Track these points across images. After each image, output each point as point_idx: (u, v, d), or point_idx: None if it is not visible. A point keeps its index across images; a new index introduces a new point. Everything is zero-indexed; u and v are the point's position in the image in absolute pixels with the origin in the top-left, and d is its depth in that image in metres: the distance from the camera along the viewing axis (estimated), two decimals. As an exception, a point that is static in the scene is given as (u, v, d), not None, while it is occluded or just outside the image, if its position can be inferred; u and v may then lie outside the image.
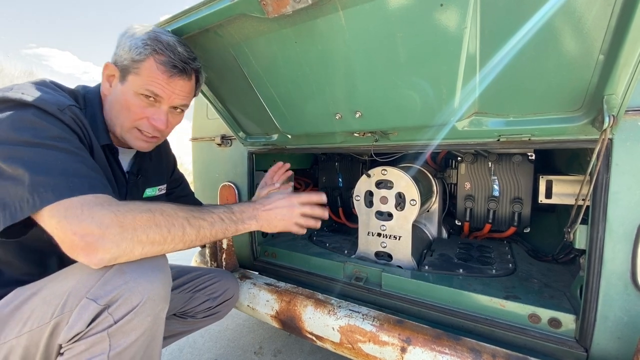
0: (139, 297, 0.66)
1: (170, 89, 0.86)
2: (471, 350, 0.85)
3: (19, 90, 0.71)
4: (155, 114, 0.88)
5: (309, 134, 1.19)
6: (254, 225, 0.90)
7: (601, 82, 0.69)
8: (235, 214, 0.87)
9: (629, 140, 0.76)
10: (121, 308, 0.65)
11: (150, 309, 0.68)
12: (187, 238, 0.75)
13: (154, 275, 0.69)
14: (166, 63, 0.83)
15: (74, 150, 0.71)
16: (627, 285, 0.78)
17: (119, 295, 0.65)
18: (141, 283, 0.67)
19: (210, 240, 0.82)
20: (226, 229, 0.83)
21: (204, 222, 0.79)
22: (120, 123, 0.88)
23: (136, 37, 0.84)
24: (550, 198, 1.17)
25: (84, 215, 0.63)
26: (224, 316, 1.23)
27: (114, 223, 0.64)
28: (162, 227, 0.70)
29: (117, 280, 0.66)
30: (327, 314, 1.08)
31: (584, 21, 0.64)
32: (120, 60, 0.85)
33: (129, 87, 0.84)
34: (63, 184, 0.64)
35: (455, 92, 0.83)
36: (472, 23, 0.70)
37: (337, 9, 0.76)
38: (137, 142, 0.91)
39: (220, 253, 1.42)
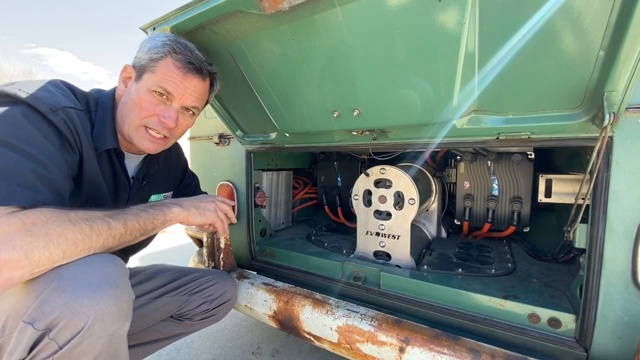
0: (84, 320, 0.57)
1: (183, 87, 0.87)
2: (470, 350, 0.84)
3: (18, 86, 0.70)
4: (165, 111, 0.87)
5: (307, 132, 1.18)
6: (181, 212, 0.88)
7: (601, 79, 0.68)
8: (156, 205, 0.85)
9: (629, 138, 0.75)
10: (64, 332, 0.57)
11: (100, 331, 0.59)
12: (116, 232, 0.70)
13: (101, 291, 0.60)
14: (182, 60, 0.85)
15: (38, 156, 0.66)
16: (627, 285, 0.77)
17: (59, 318, 0.56)
18: (84, 303, 0.58)
19: (143, 233, 0.77)
20: (154, 218, 0.80)
21: (128, 215, 0.75)
22: (129, 121, 0.87)
23: (156, 39, 0.87)
24: (549, 197, 1.16)
25: None
26: (222, 318, 1.22)
27: (21, 233, 0.56)
28: (82, 225, 0.64)
29: (56, 300, 0.57)
30: (325, 313, 1.07)
31: (583, 17, 0.63)
32: (139, 61, 0.87)
33: (143, 84, 0.86)
34: (1, 190, 0.60)
35: (454, 90, 0.82)
36: (470, 19, 0.69)
37: (334, 5, 0.75)
38: (143, 141, 0.89)
39: (217, 253, 1.41)
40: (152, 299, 1.03)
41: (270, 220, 1.70)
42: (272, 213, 1.71)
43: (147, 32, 1.02)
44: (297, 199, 1.98)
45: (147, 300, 1.03)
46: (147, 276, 1.09)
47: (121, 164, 0.92)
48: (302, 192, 1.99)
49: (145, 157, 1.02)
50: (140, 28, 1.02)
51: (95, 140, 0.84)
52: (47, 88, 0.75)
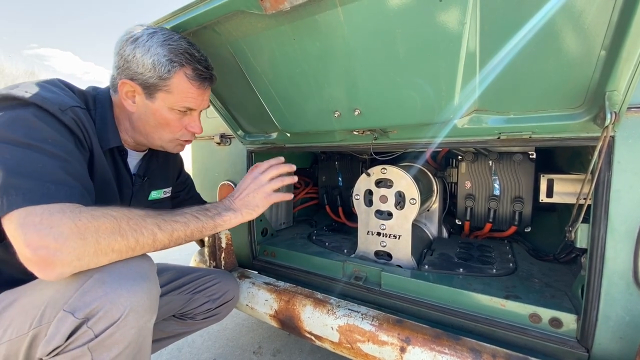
0: (121, 310, 0.62)
1: (201, 98, 0.91)
2: (471, 350, 0.84)
3: (23, 89, 0.71)
4: (191, 122, 0.93)
5: (308, 132, 1.19)
6: (234, 217, 0.87)
7: (603, 79, 0.68)
8: (210, 210, 0.85)
9: (631, 138, 0.75)
10: (101, 321, 0.61)
11: (133, 322, 0.64)
12: (159, 244, 0.72)
13: (137, 285, 0.65)
14: (196, 77, 0.86)
15: (61, 154, 0.68)
16: (629, 285, 0.77)
17: (98, 307, 0.60)
18: (122, 294, 0.62)
19: (186, 242, 0.79)
20: (203, 227, 0.81)
21: (177, 224, 0.76)
22: (159, 137, 0.92)
23: (153, 52, 0.81)
24: (551, 197, 1.16)
25: (42, 225, 0.58)
26: (224, 317, 1.22)
27: (74, 234, 0.59)
28: (129, 236, 0.66)
29: (97, 291, 0.61)
30: (326, 313, 1.07)
31: (585, 16, 0.63)
32: (142, 78, 0.82)
33: (161, 104, 0.86)
34: (36, 189, 0.61)
35: (455, 90, 0.82)
36: (471, 19, 0.69)
37: (335, 5, 0.75)
38: (176, 148, 0.98)
39: (219, 252, 1.41)
40: None
41: (272, 220, 1.70)
42: (273, 213, 1.71)
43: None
44: (298, 199, 1.98)
45: None
46: None
47: (124, 161, 0.93)
48: (303, 191, 2.00)
49: (145, 154, 1.03)
50: (141, 28, 1.02)
51: (99, 139, 0.84)
52: (50, 89, 0.76)
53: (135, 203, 1.00)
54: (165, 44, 0.82)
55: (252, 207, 0.91)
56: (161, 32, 0.84)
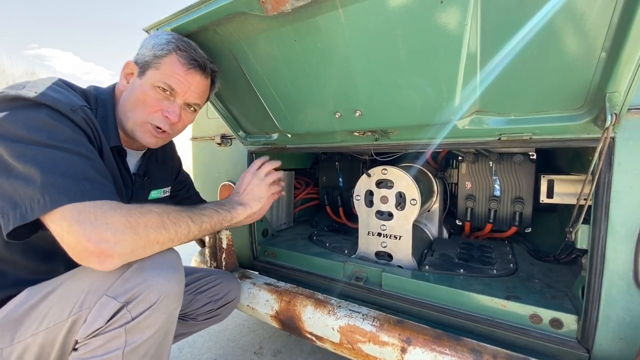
0: (157, 295, 0.68)
1: (187, 83, 0.89)
2: (472, 350, 0.85)
3: (32, 89, 0.71)
4: (169, 107, 0.90)
5: (309, 133, 1.19)
6: (244, 210, 0.96)
7: (603, 80, 0.69)
8: (225, 205, 0.94)
9: (631, 139, 0.75)
10: (140, 305, 0.67)
11: (165, 307, 0.70)
12: (192, 235, 0.80)
13: (170, 273, 0.72)
14: (186, 57, 0.88)
15: (86, 153, 0.71)
16: (629, 286, 0.77)
17: (138, 292, 0.67)
18: (159, 281, 0.69)
19: (210, 233, 0.88)
20: (223, 219, 0.90)
21: (204, 217, 0.84)
22: (133, 117, 0.89)
23: (160, 37, 0.89)
24: (551, 198, 1.16)
25: (99, 221, 0.63)
26: (225, 318, 1.22)
27: (128, 229, 0.65)
28: (170, 229, 0.73)
29: (137, 278, 0.68)
30: (327, 314, 1.07)
31: (585, 18, 0.63)
32: (142, 58, 0.88)
33: (146, 80, 0.87)
34: (75, 187, 0.64)
35: (456, 91, 0.82)
36: (472, 20, 0.69)
37: (336, 6, 0.75)
38: (146, 136, 0.91)
39: (220, 253, 1.41)
40: None
41: (272, 220, 1.70)
42: (273, 213, 1.72)
43: (149, 34, 1.02)
44: (299, 200, 1.98)
45: None
46: None
47: (123, 161, 0.93)
48: (304, 192, 2.00)
49: (144, 153, 1.03)
50: (144, 29, 1.03)
51: None
52: (56, 89, 0.76)
53: (135, 202, 0.99)
54: (175, 34, 0.90)
55: (258, 199, 1.01)
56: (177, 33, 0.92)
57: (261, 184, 1.04)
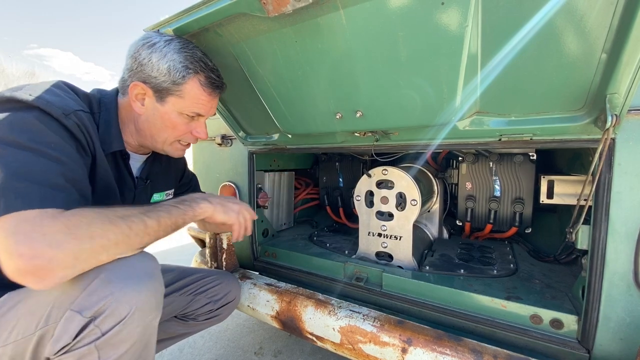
0: (127, 308, 0.63)
1: (210, 105, 0.93)
2: (472, 351, 0.85)
3: (27, 91, 0.71)
4: (197, 127, 0.94)
5: (310, 133, 1.19)
6: (208, 208, 0.88)
7: (604, 81, 0.69)
8: (187, 200, 0.87)
9: (631, 140, 0.76)
10: (108, 320, 0.62)
11: (139, 320, 0.65)
12: (151, 230, 0.72)
13: (142, 283, 0.66)
14: (209, 84, 0.89)
15: (63, 159, 0.68)
16: (629, 286, 0.77)
17: (105, 306, 0.62)
18: (128, 293, 0.64)
19: (174, 229, 0.80)
20: (184, 214, 0.82)
21: (161, 212, 0.76)
22: (162, 139, 0.92)
23: (170, 57, 0.83)
24: (551, 198, 1.17)
25: (35, 232, 0.57)
26: (225, 319, 1.22)
27: (66, 236, 0.59)
28: (122, 226, 0.66)
29: (103, 290, 0.62)
30: (327, 314, 1.07)
31: (586, 19, 0.63)
32: (155, 81, 0.84)
33: (171, 108, 0.88)
34: (36, 194, 0.61)
35: (457, 92, 0.82)
36: (473, 21, 0.69)
37: (337, 7, 0.76)
38: (177, 152, 0.98)
39: (220, 253, 1.41)
40: None
41: (273, 220, 1.70)
42: (274, 214, 1.72)
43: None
44: (299, 200, 1.98)
45: None
46: None
47: (126, 165, 0.93)
48: (304, 192, 2.00)
49: (148, 157, 1.03)
50: (144, 30, 1.03)
51: (101, 142, 0.84)
52: (54, 92, 0.76)
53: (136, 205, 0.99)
54: (181, 51, 0.85)
55: (225, 210, 0.93)
56: (177, 40, 0.87)
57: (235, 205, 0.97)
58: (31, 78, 12.21)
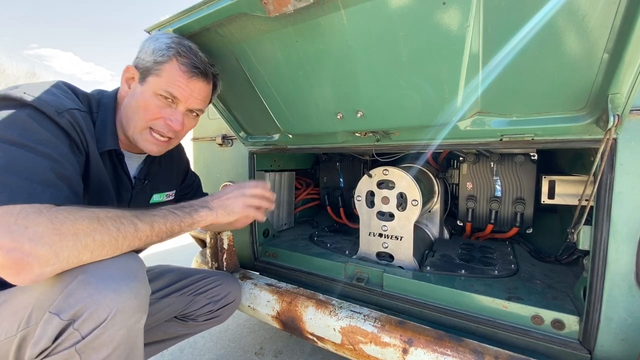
0: (107, 311, 0.60)
1: (189, 90, 0.88)
2: (473, 351, 0.85)
3: (21, 90, 0.71)
4: (172, 115, 0.89)
5: (310, 133, 1.19)
6: (209, 215, 0.86)
7: (606, 81, 0.69)
8: (185, 206, 0.84)
9: (633, 140, 0.75)
10: (88, 323, 0.59)
11: (121, 322, 0.62)
12: (142, 234, 0.70)
13: (123, 285, 0.64)
14: (188, 64, 0.86)
15: (53, 156, 0.68)
16: (631, 287, 0.77)
17: (83, 309, 0.59)
18: (108, 295, 0.61)
19: (170, 235, 0.78)
20: (181, 221, 0.80)
21: (156, 216, 0.75)
22: (134, 123, 0.88)
23: (160, 41, 0.87)
24: (553, 198, 1.16)
25: (17, 225, 0.56)
26: (226, 320, 1.22)
27: (50, 232, 0.58)
28: (110, 227, 0.65)
29: (82, 292, 0.60)
30: (328, 314, 1.07)
31: (588, 19, 0.63)
32: (142, 63, 0.87)
33: (148, 87, 0.86)
34: (24, 189, 0.61)
35: (458, 92, 0.82)
36: (474, 21, 0.69)
37: (338, 7, 0.75)
38: (147, 144, 0.90)
39: (221, 253, 1.41)
40: (157, 299, 1.04)
41: (273, 221, 1.70)
42: (274, 214, 1.72)
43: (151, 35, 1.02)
44: (300, 200, 1.98)
45: (152, 300, 1.03)
46: (152, 276, 1.10)
47: (121, 164, 0.93)
48: (305, 192, 2.00)
49: (147, 157, 1.03)
50: (145, 30, 1.03)
51: (97, 141, 0.84)
52: (50, 91, 0.76)
53: (134, 206, 0.99)
54: (172, 37, 0.88)
55: (228, 211, 0.90)
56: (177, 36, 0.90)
57: (239, 199, 0.94)
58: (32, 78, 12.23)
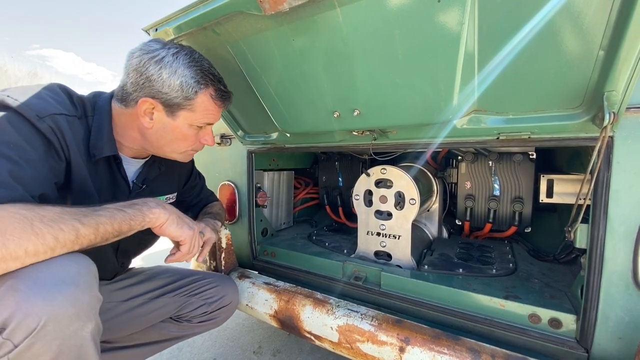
0: (36, 320, 0.56)
1: (219, 114, 0.96)
2: (470, 350, 0.84)
3: (6, 93, 0.71)
4: (206, 135, 0.97)
5: (308, 132, 1.19)
6: (164, 215, 0.81)
7: (601, 79, 0.68)
8: (137, 203, 0.79)
9: (630, 138, 0.75)
10: (17, 332, 0.55)
11: (55, 332, 0.57)
12: (84, 239, 0.66)
13: (56, 291, 0.58)
14: (219, 97, 0.91)
15: (16, 159, 0.66)
16: (628, 285, 0.77)
17: (11, 317, 0.55)
18: (36, 303, 0.56)
19: (117, 236, 0.73)
20: (131, 219, 0.75)
21: (101, 217, 0.69)
22: (172, 149, 0.94)
23: (180, 72, 0.82)
24: (551, 197, 1.16)
25: None
26: (223, 322, 1.21)
27: None
28: (45, 236, 0.60)
29: (9, 299, 0.56)
30: (325, 313, 1.07)
31: (583, 16, 0.63)
32: (165, 96, 0.83)
33: (182, 121, 0.88)
34: None
35: (454, 90, 0.82)
36: (470, 19, 0.69)
37: (334, 5, 0.76)
38: (186, 158, 1.00)
39: (219, 252, 1.41)
40: (151, 298, 1.04)
41: (272, 220, 1.70)
42: (273, 213, 1.72)
43: (149, 33, 1.02)
44: (299, 199, 1.98)
45: (146, 300, 1.04)
46: (148, 276, 1.10)
47: (119, 168, 0.92)
48: (304, 192, 2.00)
49: (146, 161, 1.02)
50: (143, 29, 1.03)
51: (92, 147, 0.83)
52: (39, 94, 0.75)
53: None
54: (190, 65, 0.84)
55: (180, 223, 0.86)
56: (184, 52, 0.85)
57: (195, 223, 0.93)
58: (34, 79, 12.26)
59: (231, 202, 1.50)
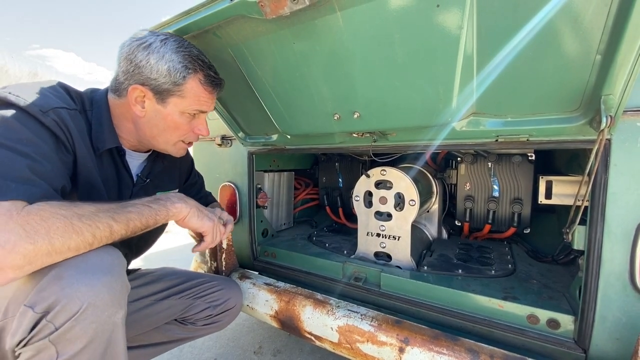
0: (78, 304, 0.61)
1: (211, 101, 0.95)
2: (469, 350, 0.85)
3: (7, 90, 0.71)
4: (199, 124, 0.96)
5: (308, 134, 1.20)
6: (185, 209, 0.86)
7: (599, 83, 0.69)
8: (161, 199, 0.83)
9: (627, 141, 0.76)
10: (60, 315, 0.60)
11: (93, 316, 0.63)
12: (117, 235, 0.71)
13: (96, 279, 0.64)
14: (209, 82, 0.90)
15: (32, 155, 0.68)
16: (625, 286, 0.78)
17: (56, 302, 0.60)
18: (79, 289, 0.62)
19: (142, 230, 0.78)
20: (157, 214, 0.80)
21: (131, 214, 0.75)
22: (164, 139, 0.93)
23: (167, 57, 0.83)
24: (550, 199, 1.17)
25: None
26: (226, 326, 1.21)
27: (23, 241, 0.58)
28: (85, 233, 0.65)
29: (54, 286, 0.61)
30: (325, 314, 1.08)
31: (580, 21, 0.64)
32: (154, 82, 0.84)
33: (173, 108, 0.88)
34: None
35: (453, 93, 0.83)
36: (468, 24, 0.70)
37: (334, 10, 0.76)
38: (179, 151, 0.98)
39: (220, 253, 1.42)
40: (157, 300, 1.05)
41: (272, 221, 1.71)
42: (273, 214, 1.73)
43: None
44: (299, 200, 1.99)
45: (152, 302, 1.04)
46: (154, 278, 1.11)
47: (122, 161, 0.93)
48: (304, 193, 2.01)
49: (149, 155, 1.03)
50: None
51: (95, 140, 0.84)
52: (39, 90, 0.76)
53: None
54: (179, 50, 0.84)
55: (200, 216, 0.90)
56: (172, 39, 0.86)
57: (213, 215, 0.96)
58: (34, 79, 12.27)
59: (232, 203, 1.50)
